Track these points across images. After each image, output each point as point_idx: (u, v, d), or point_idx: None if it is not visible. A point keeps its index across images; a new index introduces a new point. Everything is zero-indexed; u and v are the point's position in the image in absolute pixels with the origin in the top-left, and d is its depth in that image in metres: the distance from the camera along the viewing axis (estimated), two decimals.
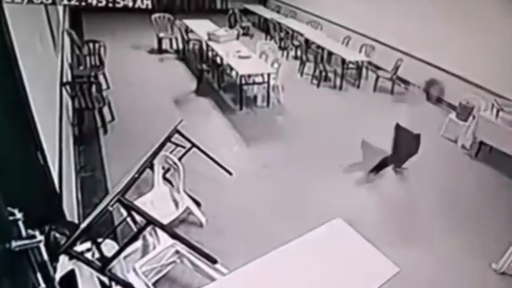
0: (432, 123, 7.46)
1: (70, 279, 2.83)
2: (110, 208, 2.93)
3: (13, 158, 2.50)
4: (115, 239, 3.62)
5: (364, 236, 2.95)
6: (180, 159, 4.33)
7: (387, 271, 2.68)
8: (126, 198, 3.05)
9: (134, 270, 3.05)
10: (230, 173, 4.93)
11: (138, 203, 3.66)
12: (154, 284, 3.31)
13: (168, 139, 4.20)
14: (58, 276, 2.73)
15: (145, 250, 3.51)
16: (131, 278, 3.01)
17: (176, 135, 4.41)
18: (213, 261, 3.13)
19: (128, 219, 3.36)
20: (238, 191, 5.09)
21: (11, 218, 1.66)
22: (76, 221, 3.83)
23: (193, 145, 4.58)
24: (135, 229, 3.24)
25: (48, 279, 1.97)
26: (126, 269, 3.18)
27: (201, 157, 4.66)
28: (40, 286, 1.89)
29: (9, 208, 1.68)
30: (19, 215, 1.69)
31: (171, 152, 4.36)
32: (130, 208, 3.05)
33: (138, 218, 3.24)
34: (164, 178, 4.45)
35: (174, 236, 3.17)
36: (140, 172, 3.50)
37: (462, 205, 5.25)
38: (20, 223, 1.71)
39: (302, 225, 3.08)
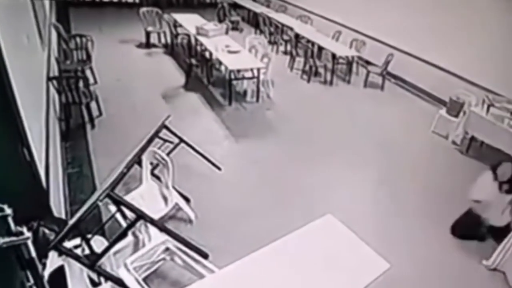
0: (423, 118, 7.51)
1: (60, 276, 2.81)
2: (99, 203, 2.90)
3: None
4: (103, 236, 3.58)
5: (354, 232, 2.94)
6: (168, 154, 4.29)
7: (378, 267, 2.67)
8: (115, 193, 3.02)
9: (125, 265, 3.02)
10: (219, 168, 4.90)
11: (127, 199, 3.62)
12: (144, 280, 3.29)
13: (155, 134, 4.16)
14: (47, 272, 2.70)
15: (135, 247, 3.48)
16: (121, 273, 2.98)
17: (165, 131, 4.38)
18: (204, 255, 3.11)
19: (117, 215, 3.34)
20: (228, 187, 5.06)
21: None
22: (63, 217, 3.78)
23: (181, 140, 4.55)
24: (124, 225, 3.21)
25: (37, 276, 1.95)
26: (116, 265, 3.15)
27: (190, 152, 4.63)
28: (28, 283, 1.86)
29: None
30: (8, 210, 1.66)
31: (159, 148, 4.32)
32: (119, 203, 3.02)
33: (128, 213, 3.21)
34: (153, 174, 4.41)
35: (165, 230, 3.15)
36: (129, 167, 3.46)
37: (453, 201, 5.26)
38: (10, 219, 1.68)
39: (293, 221, 3.07)
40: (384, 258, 2.72)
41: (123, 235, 3.07)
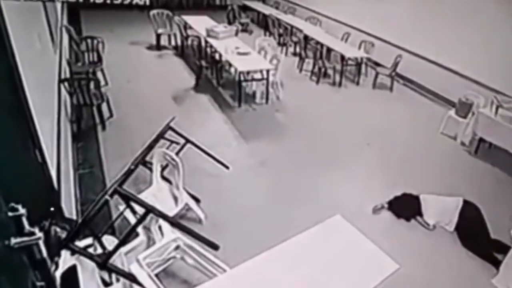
0: (432, 119, 7.47)
1: (72, 275, 2.83)
2: (108, 198, 2.91)
3: (11, 156, 2.48)
4: (114, 236, 3.61)
5: (363, 232, 2.95)
6: (176, 155, 4.32)
7: (387, 268, 2.68)
8: (123, 188, 3.04)
9: (138, 261, 3.04)
10: (227, 167, 4.92)
11: None
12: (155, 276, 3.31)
13: (161, 135, 4.20)
14: (59, 271, 2.73)
15: (146, 246, 3.50)
16: (134, 269, 3.00)
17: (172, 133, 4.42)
18: (215, 247, 3.11)
19: (127, 215, 3.35)
20: (237, 187, 5.08)
21: (13, 214, 1.66)
22: (74, 217, 3.82)
23: (187, 140, 4.58)
24: (134, 220, 3.22)
25: (48, 276, 1.97)
26: (128, 264, 3.17)
27: (199, 154, 4.66)
28: (39, 282, 1.88)
29: (12, 204, 1.67)
30: (22, 210, 1.68)
31: (167, 149, 4.35)
32: (128, 198, 3.03)
33: (137, 208, 3.22)
34: (162, 176, 4.44)
35: (174, 224, 3.16)
36: (136, 164, 3.49)
37: None
38: (24, 219, 1.70)
39: (302, 222, 3.08)
40: (393, 259, 2.72)
41: (134, 230, 3.08)
